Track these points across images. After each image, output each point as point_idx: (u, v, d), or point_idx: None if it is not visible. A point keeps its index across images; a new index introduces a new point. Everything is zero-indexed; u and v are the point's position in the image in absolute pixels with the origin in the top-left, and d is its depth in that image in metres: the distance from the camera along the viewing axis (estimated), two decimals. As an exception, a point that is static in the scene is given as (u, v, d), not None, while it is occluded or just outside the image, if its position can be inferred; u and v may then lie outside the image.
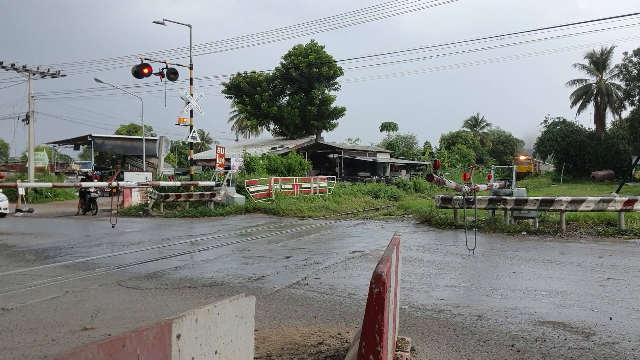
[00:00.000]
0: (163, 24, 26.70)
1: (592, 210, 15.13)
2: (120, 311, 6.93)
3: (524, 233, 14.70)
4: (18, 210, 25.97)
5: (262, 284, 8.55)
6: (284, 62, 57.00)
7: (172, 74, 25.92)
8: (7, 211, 24.63)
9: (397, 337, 5.15)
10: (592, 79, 58.59)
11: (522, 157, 72.17)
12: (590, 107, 58.60)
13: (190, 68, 27.79)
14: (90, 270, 9.87)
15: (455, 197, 16.82)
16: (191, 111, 27.22)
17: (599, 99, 57.24)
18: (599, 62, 57.37)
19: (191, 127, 27.41)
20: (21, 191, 27.51)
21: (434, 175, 9.38)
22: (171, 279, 9.02)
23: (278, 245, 13.08)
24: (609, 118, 59.50)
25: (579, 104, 58.78)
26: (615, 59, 58.30)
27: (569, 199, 15.10)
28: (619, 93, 56.80)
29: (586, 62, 58.12)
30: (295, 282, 8.56)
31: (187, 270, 9.82)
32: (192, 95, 27.15)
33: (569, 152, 57.16)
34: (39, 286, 8.53)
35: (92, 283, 8.69)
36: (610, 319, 6.34)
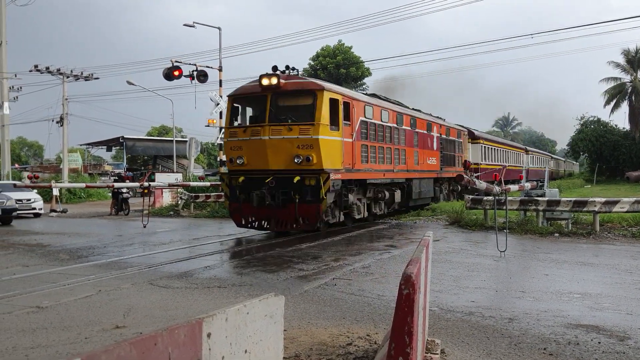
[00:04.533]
0: (193, 26, 27.01)
1: (627, 212, 14.80)
2: (151, 310, 7.02)
3: (557, 235, 14.45)
4: (52, 210, 26.56)
5: (291, 283, 8.57)
6: (312, 63, 57.12)
7: (202, 76, 26.14)
8: (41, 211, 25.18)
9: (427, 339, 5.10)
10: (627, 78, 57.27)
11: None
12: (625, 107, 57.24)
13: (220, 70, 28.02)
14: (123, 270, 10.02)
15: (485, 197, 16.62)
16: (220, 113, 27.42)
17: (633, 97, 55.89)
18: (634, 60, 56.03)
19: (221, 128, 27.61)
20: (55, 192, 28.17)
21: (465, 176, 9.28)
22: (201, 278, 9.10)
23: (306, 244, 13.09)
24: (645, 117, 58.04)
25: (612, 103, 57.44)
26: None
27: (603, 199, 14.80)
28: (655, 92, 55.39)
29: (621, 59, 56.82)
30: (323, 283, 8.56)
31: (216, 270, 9.90)
32: (221, 97, 27.37)
33: (602, 152, 55.95)
34: (73, 285, 8.70)
35: (124, 282, 8.82)
36: (647, 322, 6.19)
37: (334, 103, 14.90)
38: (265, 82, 14.36)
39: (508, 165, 39.27)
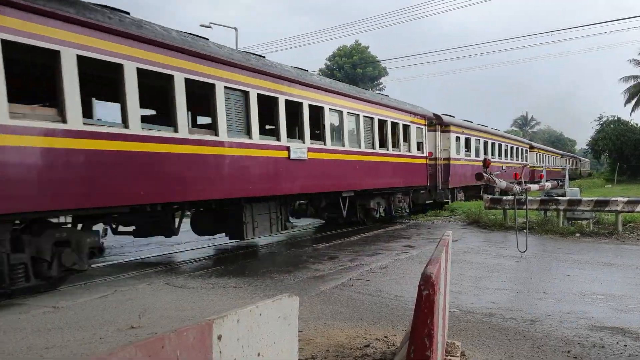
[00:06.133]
0: (210, 27, 27.07)
1: (651, 211, 14.45)
2: (167, 310, 6.96)
3: (578, 235, 14.18)
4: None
5: (307, 284, 8.47)
6: (329, 63, 57.03)
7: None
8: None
9: (447, 342, 4.97)
10: (647, 76, 56.35)
11: None
12: (646, 105, 56.38)
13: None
14: (139, 270, 9.99)
15: (505, 197, 16.38)
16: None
17: (655, 96, 55.01)
18: (654, 58, 55.10)
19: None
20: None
21: (484, 174, 9.09)
22: (217, 278, 9.03)
23: (323, 245, 12.99)
24: (666, 116, 57.16)
25: (633, 102, 56.63)
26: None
27: (625, 199, 14.49)
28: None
29: (640, 58, 55.89)
30: (340, 284, 8.44)
31: (233, 270, 9.83)
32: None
33: (623, 152, 55.08)
34: (89, 284, 8.69)
35: (140, 282, 8.79)
36: (674, 325, 5.99)
37: None
38: None
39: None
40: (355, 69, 54.51)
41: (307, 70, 14.31)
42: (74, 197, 7.82)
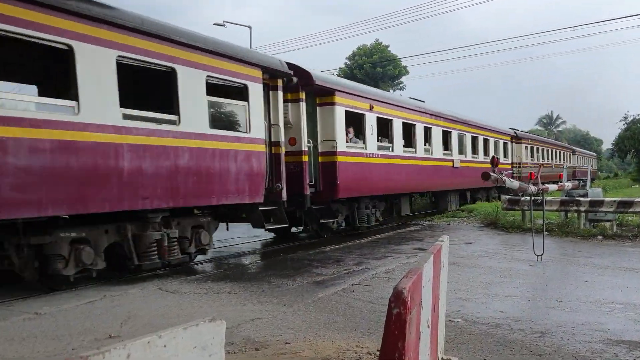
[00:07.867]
0: (223, 25, 26.76)
1: (677, 213, 13.72)
2: (153, 317, 6.59)
3: (600, 237, 13.52)
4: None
5: (305, 289, 8.03)
6: (348, 62, 56.54)
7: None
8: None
9: (442, 358, 4.50)
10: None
11: None
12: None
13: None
14: (133, 273, 9.64)
15: (523, 198, 15.75)
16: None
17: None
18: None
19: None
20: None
21: (491, 174, 8.51)
22: (212, 283, 8.63)
23: (331, 247, 12.53)
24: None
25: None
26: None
27: (651, 200, 13.78)
28: None
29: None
30: (341, 289, 7.98)
31: (230, 274, 9.45)
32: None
33: (651, 151, 53.68)
34: (80, 288, 8.34)
35: (132, 286, 8.41)
36: (700, 340, 5.43)
37: None
38: None
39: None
40: (375, 68, 53.91)
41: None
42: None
